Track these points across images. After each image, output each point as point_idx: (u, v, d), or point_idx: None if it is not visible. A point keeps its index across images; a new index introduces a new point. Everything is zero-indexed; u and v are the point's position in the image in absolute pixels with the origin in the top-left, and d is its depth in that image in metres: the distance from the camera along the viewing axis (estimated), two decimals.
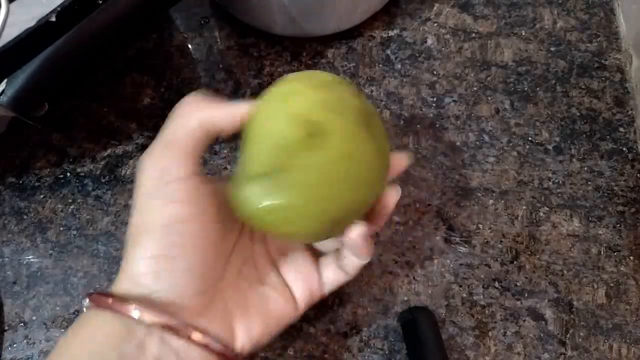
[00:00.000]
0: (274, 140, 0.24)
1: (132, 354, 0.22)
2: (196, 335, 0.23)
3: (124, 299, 0.22)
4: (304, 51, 0.45)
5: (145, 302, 0.23)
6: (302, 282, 0.30)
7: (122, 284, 0.24)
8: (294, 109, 0.25)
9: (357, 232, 0.25)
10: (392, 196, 0.27)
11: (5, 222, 0.39)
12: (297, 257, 0.31)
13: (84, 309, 0.24)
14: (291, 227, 0.25)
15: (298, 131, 0.24)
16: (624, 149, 0.41)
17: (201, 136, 0.25)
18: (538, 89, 0.44)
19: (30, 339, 0.36)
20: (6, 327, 0.36)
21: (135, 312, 0.22)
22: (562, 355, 0.35)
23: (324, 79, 0.27)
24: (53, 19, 0.27)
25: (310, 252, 0.31)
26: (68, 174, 0.41)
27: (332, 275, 0.30)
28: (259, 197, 0.24)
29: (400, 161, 0.29)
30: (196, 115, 0.25)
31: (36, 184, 0.40)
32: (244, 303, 0.28)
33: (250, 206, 0.24)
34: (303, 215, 0.24)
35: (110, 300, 0.22)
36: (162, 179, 0.24)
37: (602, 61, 0.44)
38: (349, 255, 0.29)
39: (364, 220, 0.26)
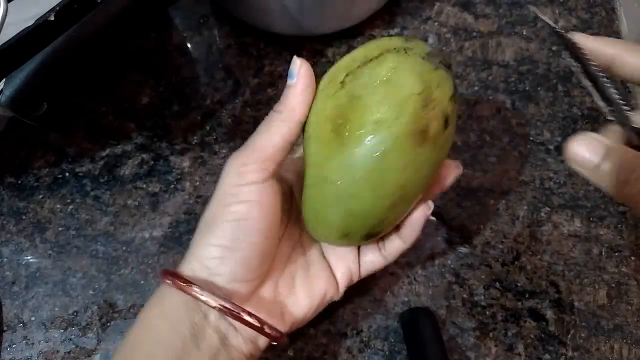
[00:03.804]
0: (313, 162, 0.28)
1: (199, 322, 0.27)
2: (245, 316, 0.27)
3: (192, 282, 0.27)
4: (303, 50, 0.45)
5: (208, 285, 0.28)
6: (343, 264, 0.33)
7: (191, 264, 0.28)
8: (324, 113, 0.27)
9: (421, 212, 0.29)
10: (451, 172, 0.31)
11: (4, 222, 0.39)
12: None
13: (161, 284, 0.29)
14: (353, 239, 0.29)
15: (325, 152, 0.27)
16: None
17: (283, 146, 0.28)
18: (539, 88, 0.43)
19: (29, 339, 0.36)
20: (5, 328, 0.36)
21: (200, 295, 0.27)
22: (563, 356, 0.35)
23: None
24: (52, 18, 0.26)
25: None
26: (67, 174, 0.41)
27: (371, 260, 0.32)
28: (321, 236, 0.30)
29: (450, 172, 0.31)
30: (280, 130, 0.28)
31: (35, 184, 0.40)
32: (292, 284, 0.31)
33: (321, 240, 0.32)
34: (360, 227, 0.28)
35: (181, 283, 0.27)
36: (241, 180, 0.28)
37: None
38: (394, 239, 0.31)
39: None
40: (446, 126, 0.26)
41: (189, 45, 0.45)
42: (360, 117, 0.26)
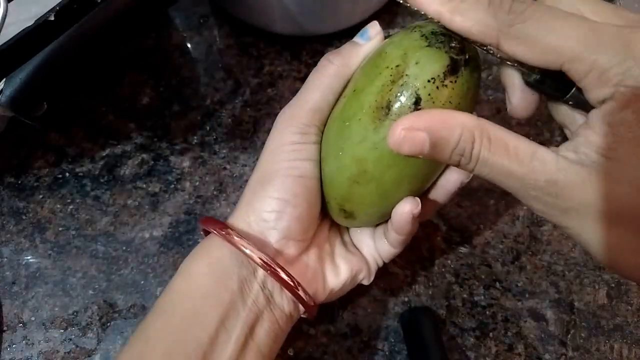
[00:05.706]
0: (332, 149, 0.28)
1: (248, 277, 0.27)
2: (282, 274, 0.27)
3: (236, 233, 0.27)
4: (303, 50, 0.45)
5: (259, 239, 0.28)
6: (367, 246, 0.33)
7: (247, 216, 0.29)
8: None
9: (402, 209, 0.28)
10: (453, 178, 0.30)
11: (4, 222, 0.39)
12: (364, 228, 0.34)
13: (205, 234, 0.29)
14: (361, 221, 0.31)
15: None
16: None
17: (334, 101, 0.29)
18: None
19: (29, 339, 0.36)
20: (5, 328, 0.36)
21: (248, 251, 0.27)
22: (563, 356, 0.35)
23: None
24: (52, 18, 0.26)
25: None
26: (67, 174, 0.41)
27: (381, 245, 0.32)
28: (336, 217, 0.30)
29: (452, 174, 0.30)
30: (332, 87, 0.28)
31: (35, 184, 0.40)
32: (333, 253, 0.32)
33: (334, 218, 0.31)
34: (331, 196, 0.29)
35: (233, 237, 0.27)
36: (304, 139, 0.28)
37: None
38: (391, 230, 0.30)
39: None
40: (417, 109, 0.24)
41: (189, 45, 0.46)
42: (351, 83, 0.28)
